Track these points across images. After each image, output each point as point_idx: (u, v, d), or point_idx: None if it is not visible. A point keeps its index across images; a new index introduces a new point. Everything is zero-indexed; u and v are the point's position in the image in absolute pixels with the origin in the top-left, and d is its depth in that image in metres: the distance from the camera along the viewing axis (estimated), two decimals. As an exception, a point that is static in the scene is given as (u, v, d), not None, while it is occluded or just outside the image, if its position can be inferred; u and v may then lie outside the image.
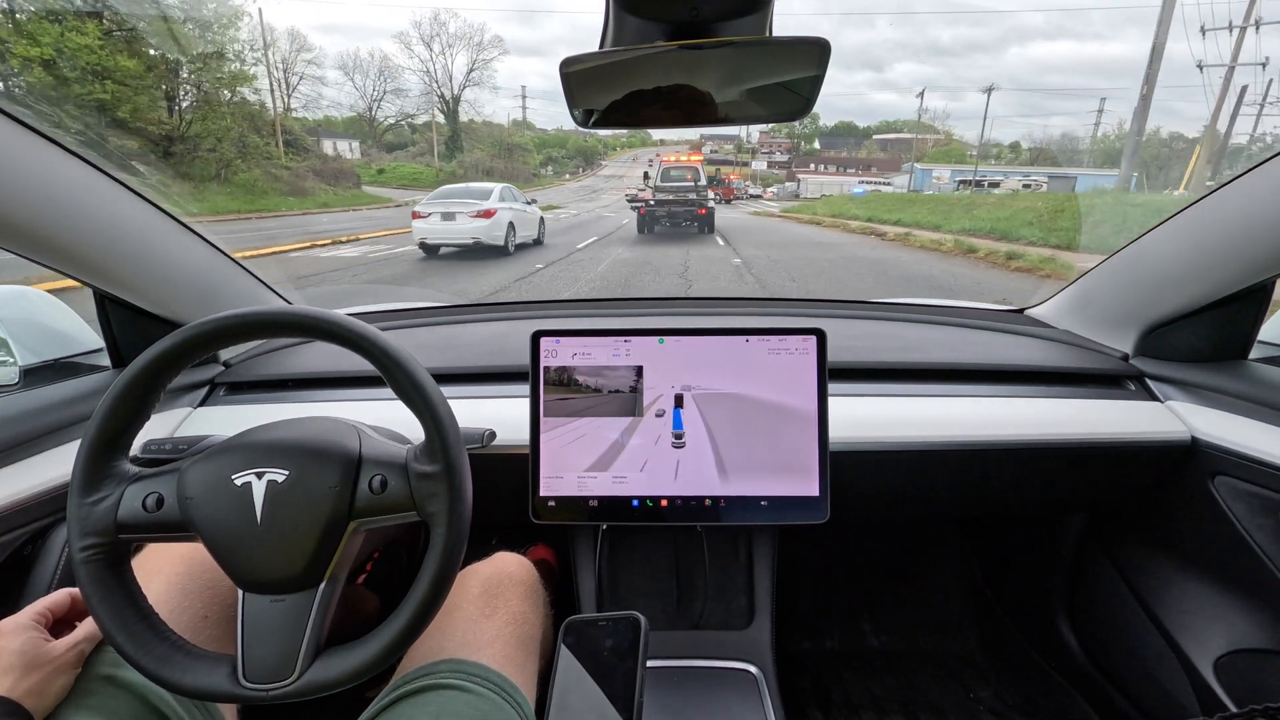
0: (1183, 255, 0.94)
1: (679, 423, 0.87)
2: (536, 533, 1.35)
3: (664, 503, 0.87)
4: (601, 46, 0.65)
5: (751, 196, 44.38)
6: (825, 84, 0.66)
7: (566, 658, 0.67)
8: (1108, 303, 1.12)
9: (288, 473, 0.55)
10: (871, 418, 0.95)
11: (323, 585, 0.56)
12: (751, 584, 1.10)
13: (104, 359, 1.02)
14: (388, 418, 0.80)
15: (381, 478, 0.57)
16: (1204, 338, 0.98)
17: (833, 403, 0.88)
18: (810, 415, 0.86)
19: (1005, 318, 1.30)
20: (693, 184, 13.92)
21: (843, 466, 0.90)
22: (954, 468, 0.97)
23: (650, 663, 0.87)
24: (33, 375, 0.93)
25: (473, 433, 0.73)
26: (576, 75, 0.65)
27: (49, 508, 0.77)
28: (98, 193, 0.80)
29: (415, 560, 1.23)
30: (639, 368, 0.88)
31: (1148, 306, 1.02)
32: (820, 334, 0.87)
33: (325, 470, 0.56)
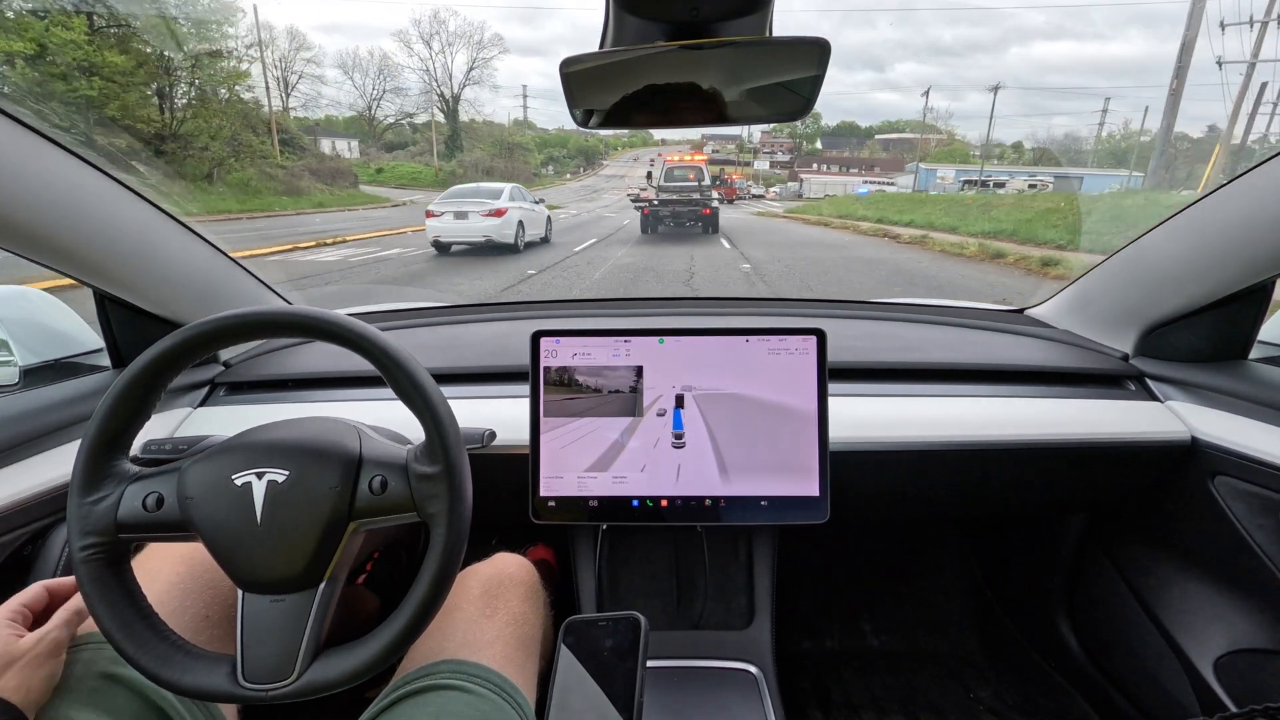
0: (1183, 255, 0.94)
1: (679, 423, 0.87)
2: (536, 533, 1.35)
3: (664, 503, 0.87)
4: (601, 46, 0.65)
5: (754, 196, 44.28)
6: (826, 83, 0.66)
7: (566, 658, 0.67)
8: (1108, 303, 1.12)
9: (288, 473, 0.55)
10: (871, 418, 0.95)
11: (322, 585, 0.56)
12: (751, 584, 1.10)
13: (104, 359, 1.02)
14: (388, 418, 0.80)
15: (382, 478, 0.57)
16: (1204, 338, 0.98)
17: (833, 403, 0.88)
18: (810, 415, 0.86)
19: (1005, 318, 1.30)
20: (696, 184, 13.91)
21: (843, 466, 0.90)
22: (954, 468, 0.97)
23: (650, 663, 0.87)
24: (33, 375, 0.93)
25: (473, 433, 0.73)
26: (576, 75, 0.65)
27: (49, 508, 0.77)
28: (98, 193, 0.80)
29: (415, 560, 1.23)
30: (639, 368, 0.88)
31: (1148, 306, 1.02)
32: (820, 334, 0.87)
33: (325, 470, 0.56)
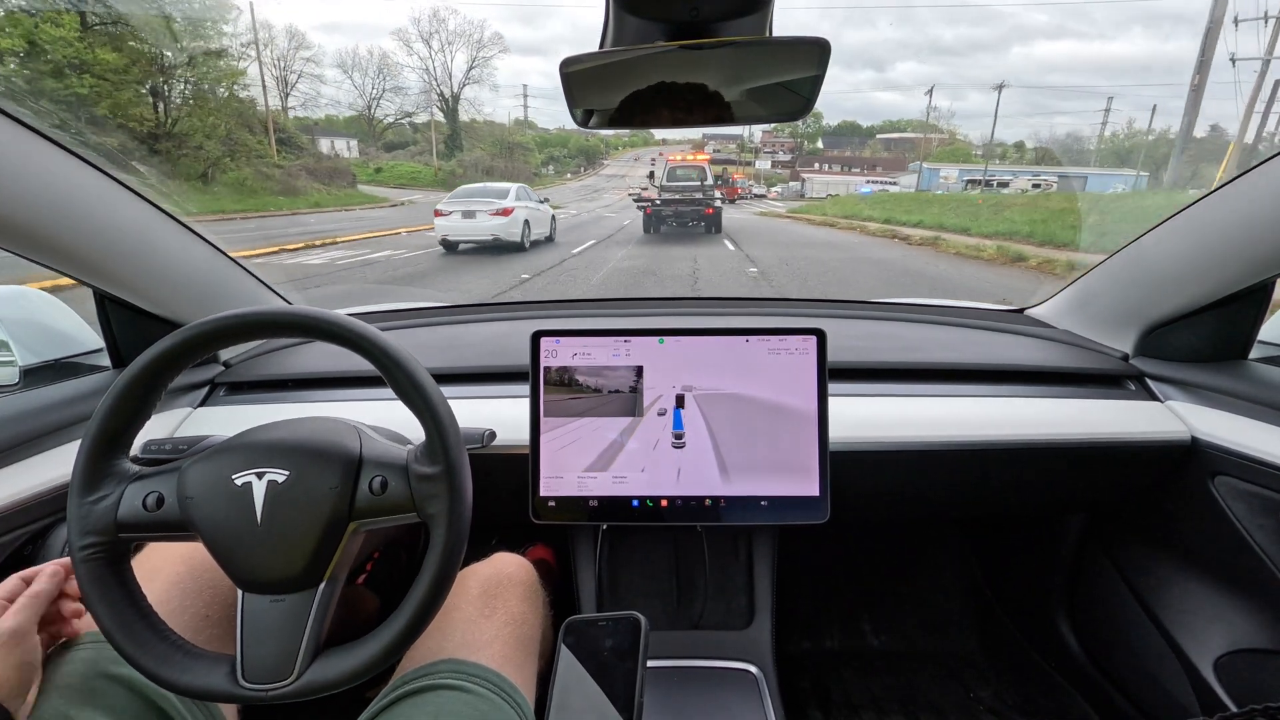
0: (1183, 255, 0.93)
1: (679, 423, 0.87)
2: (536, 533, 1.35)
3: (664, 503, 0.87)
4: (601, 46, 0.65)
5: (756, 196, 44.19)
6: (827, 83, 0.66)
7: (567, 658, 0.67)
8: (1108, 302, 1.12)
9: (288, 473, 0.55)
10: (871, 418, 0.95)
11: (322, 586, 0.56)
12: (751, 584, 1.10)
13: (104, 359, 1.02)
14: (388, 418, 0.80)
15: (382, 479, 0.57)
16: (1204, 338, 0.98)
17: (833, 403, 0.88)
18: (810, 415, 0.86)
19: (1005, 318, 1.30)
20: (700, 183, 13.91)
21: (843, 466, 0.90)
22: (954, 468, 0.97)
23: (650, 663, 0.87)
24: (33, 375, 0.93)
25: (473, 433, 0.73)
26: (576, 75, 0.65)
27: (49, 508, 0.77)
28: (98, 193, 0.80)
29: (415, 560, 1.23)
30: (639, 368, 0.88)
31: (1148, 306, 1.02)
32: (820, 334, 0.87)
33: (325, 471, 0.56)
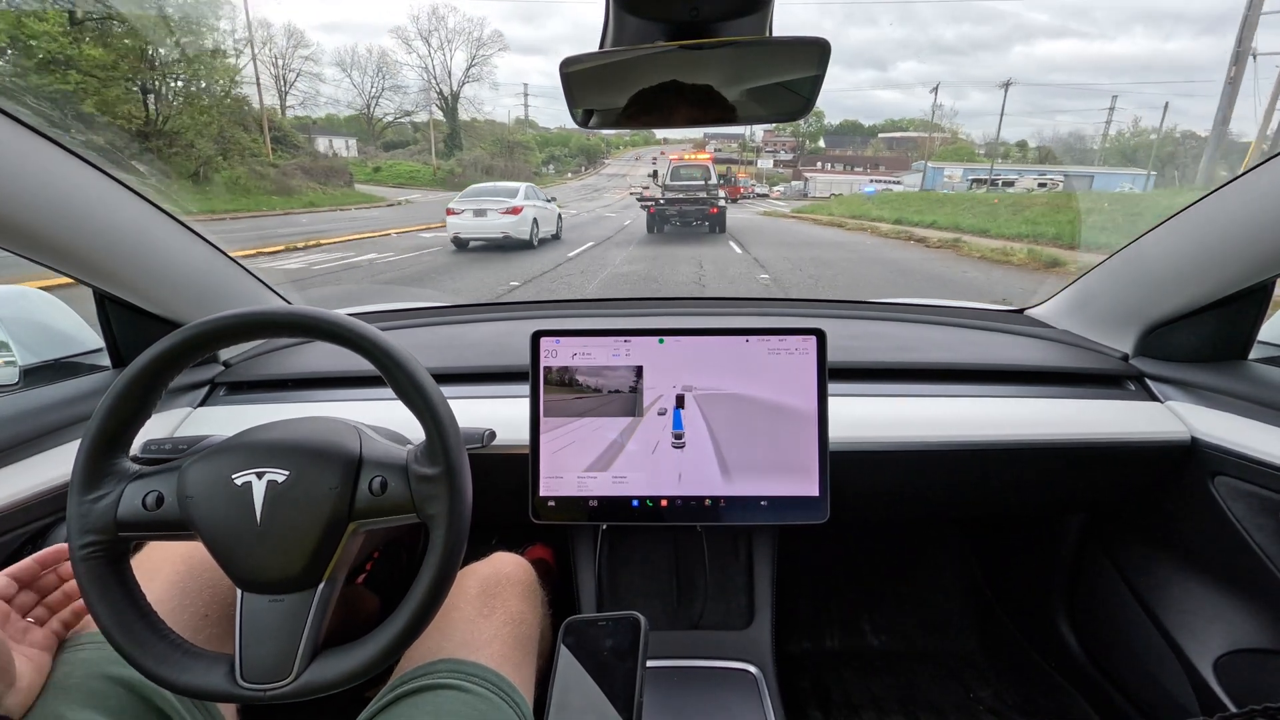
0: (1183, 255, 0.93)
1: (679, 423, 0.87)
2: (536, 533, 1.35)
3: (664, 503, 0.87)
4: (602, 46, 0.65)
5: (758, 195, 44.03)
6: (828, 82, 0.66)
7: (566, 658, 0.67)
8: (1107, 302, 1.12)
9: (288, 473, 0.55)
10: (871, 418, 0.95)
11: (321, 586, 0.56)
12: (751, 584, 1.10)
13: (104, 359, 1.02)
14: (388, 418, 0.80)
15: (382, 479, 0.57)
16: (1204, 338, 0.98)
17: (833, 403, 0.88)
18: (810, 415, 0.86)
19: (1005, 318, 1.30)
20: (703, 183, 13.87)
21: (843, 466, 0.90)
22: (954, 468, 0.97)
23: (650, 663, 0.87)
24: (33, 375, 0.93)
25: (473, 433, 0.73)
26: (576, 75, 0.65)
27: (49, 508, 0.77)
28: (97, 192, 0.80)
29: (415, 560, 1.23)
30: (639, 368, 0.88)
31: (1148, 306, 1.02)
32: (820, 334, 0.87)
33: (325, 471, 0.56)
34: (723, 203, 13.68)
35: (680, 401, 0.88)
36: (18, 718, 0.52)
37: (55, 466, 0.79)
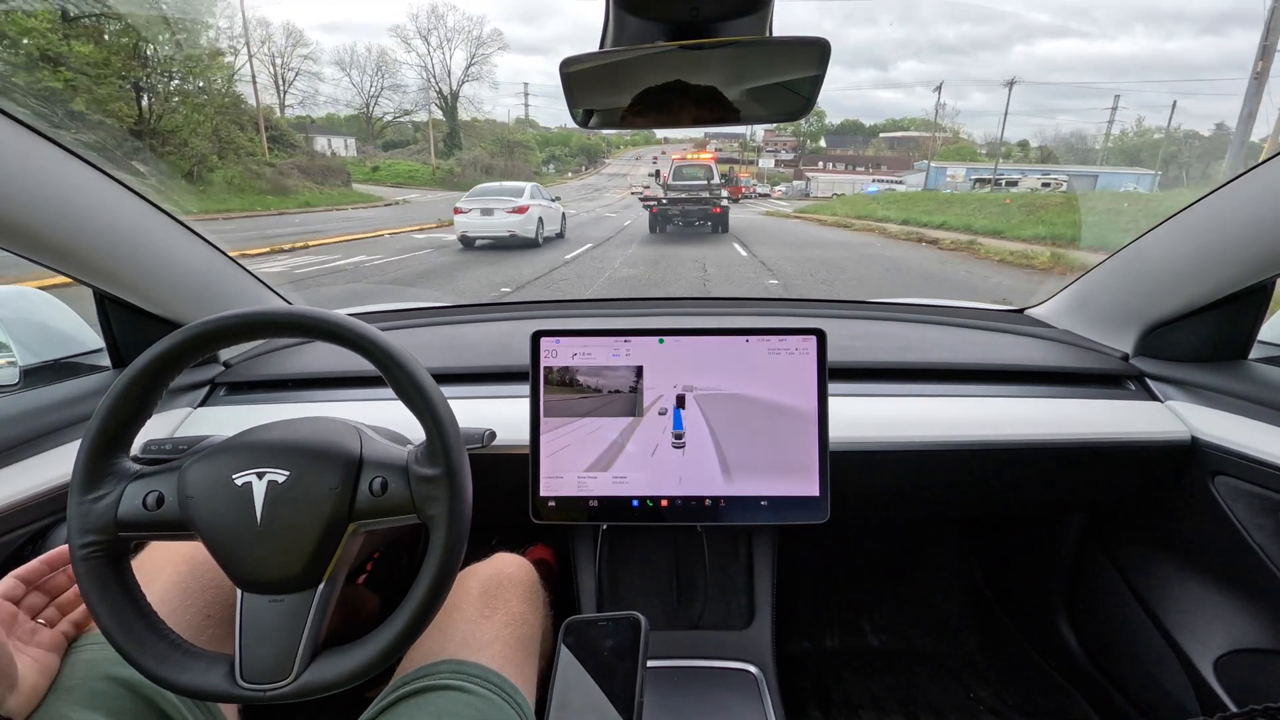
0: (1183, 255, 0.93)
1: (679, 423, 0.87)
2: (536, 533, 1.35)
3: (664, 503, 0.87)
4: (602, 46, 0.65)
5: (760, 195, 43.94)
6: (829, 82, 0.66)
7: (567, 658, 0.67)
8: (1108, 302, 1.12)
9: (288, 473, 0.55)
10: (871, 418, 0.95)
11: (321, 586, 0.56)
12: (751, 584, 1.10)
13: (104, 359, 1.02)
14: (388, 418, 0.80)
15: (382, 480, 0.57)
16: (1204, 338, 0.98)
17: (833, 403, 0.88)
18: (810, 415, 0.86)
19: (1005, 317, 1.30)
20: (706, 182, 13.80)
21: (843, 466, 0.90)
22: (954, 468, 0.97)
23: (650, 663, 0.87)
24: (33, 375, 0.93)
25: (473, 433, 0.73)
26: (576, 75, 0.65)
27: (49, 508, 0.77)
28: (97, 193, 0.80)
29: (416, 560, 1.23)
30: (639, 368, 0.88)
31: (1148, 306, 1.02)
32: (820, 334, 0.87)
33: (326, 471, 0.56)
34: (725, 203, 13.62)
35: (680, 401, 0.88)
36: (20, 719, 0.52)
37: (55, 467, 0.79)
